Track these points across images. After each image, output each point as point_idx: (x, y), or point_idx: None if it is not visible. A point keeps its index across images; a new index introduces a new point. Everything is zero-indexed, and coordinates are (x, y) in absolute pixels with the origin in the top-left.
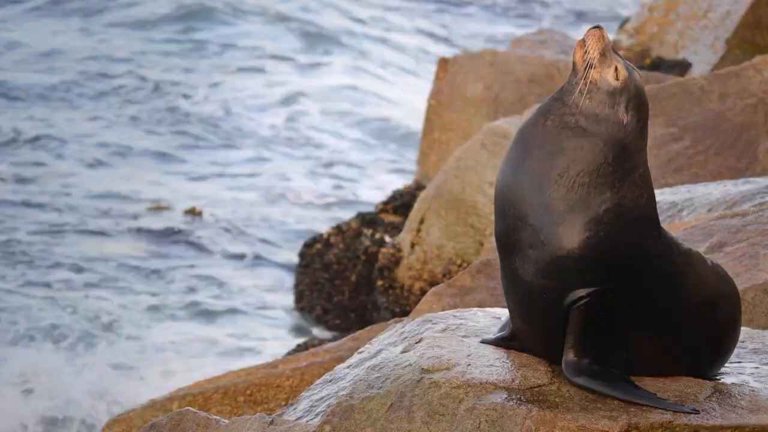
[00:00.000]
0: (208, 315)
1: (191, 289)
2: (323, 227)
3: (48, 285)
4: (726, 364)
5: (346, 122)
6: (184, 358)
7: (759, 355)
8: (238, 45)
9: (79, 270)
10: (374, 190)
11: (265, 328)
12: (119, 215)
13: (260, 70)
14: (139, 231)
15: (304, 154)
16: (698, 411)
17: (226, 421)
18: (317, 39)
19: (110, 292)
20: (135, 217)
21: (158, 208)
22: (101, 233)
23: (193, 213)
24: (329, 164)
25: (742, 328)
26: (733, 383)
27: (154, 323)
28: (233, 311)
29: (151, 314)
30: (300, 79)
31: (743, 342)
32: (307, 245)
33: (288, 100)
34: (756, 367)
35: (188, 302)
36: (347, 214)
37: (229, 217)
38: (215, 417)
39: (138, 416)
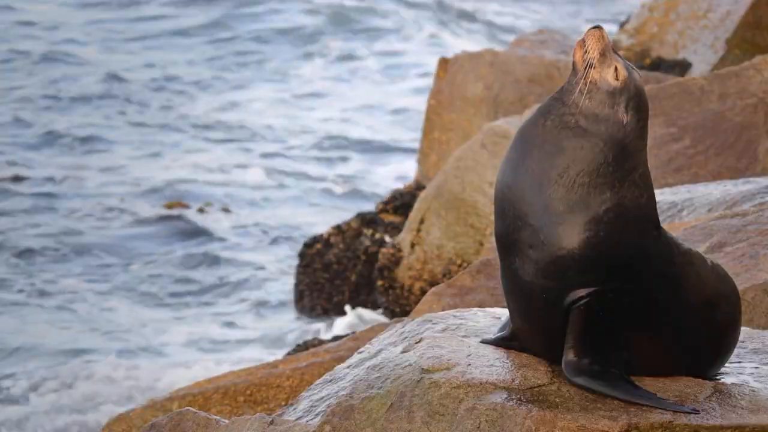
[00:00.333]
0: (207, 314)
1: (192, 287)
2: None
3: (57, 284)
4: (726, 364)
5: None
6: (184, 357)
7: (759, 355)
8: (266, 36)
9: (83, 265)
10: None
11: (265, 328)
12: (132, 212)
13: (285, 68)
14: (150, 228)
15: (328, 145)
16: (698, 411)
17: (226, 421)
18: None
19: (110, 290)
20: (149, 214)
21: (170, 205)
22: (112, 230)
23: (202, 211)
24: (353, 151)
25: (742, 328)
26: (733, 383)
27: (154, 323)
28: (233, 311)
29: (150, 313)
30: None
31: (743, 342)
32: (307, 245)
33: (315, 93)
34: (756, 367)
35: (188, 301)
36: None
37: (236, 214)
38: (215, 417)
39: (138, 416)
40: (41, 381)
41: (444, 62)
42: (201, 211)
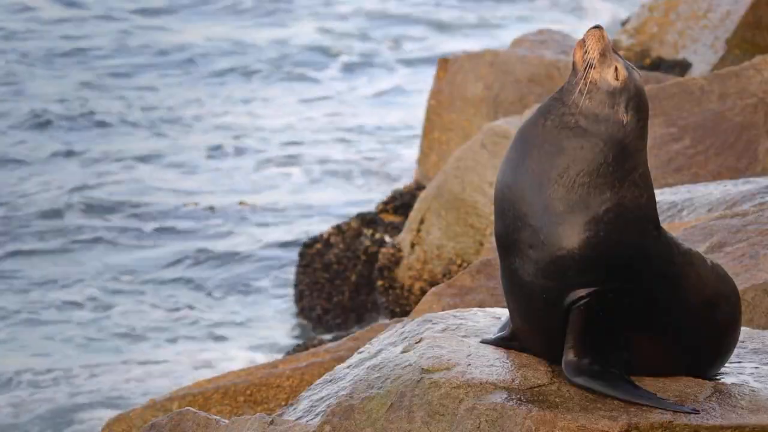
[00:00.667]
0: (208, 314)
1: (192, 287)
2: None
3: (58, 286)
4: (726, 364)
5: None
6: (182, 357)
7: (759, 355)
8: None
9: (84, 267)
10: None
11: (264, 328)
12: (139, 213)
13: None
14: (157, 230)
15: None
16: (698, 411)
17: (226, 421)
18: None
19: (114, 289)
20: (161, 216)
21: (186, 204)
22: (118, 229)
23: (211, 210)
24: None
25: (742, 328)
26: (733, 383)
27: (153, 321)
28: (232, 311)
29: (150, 311)
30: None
31: (743, 342)
32: (307, 245)
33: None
34: (756, 367)
35: (187, 301)
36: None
37: (238, 213)
38: (215, 417)
39: (138, 416)
40: (40, 381)
41: (444, 62)
42: (212, 209)
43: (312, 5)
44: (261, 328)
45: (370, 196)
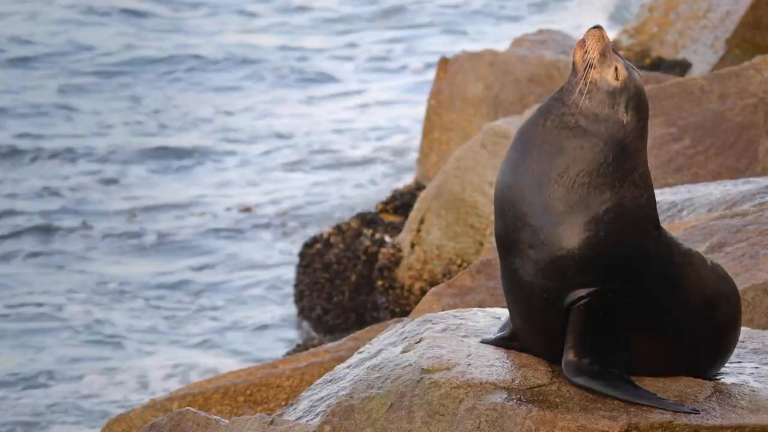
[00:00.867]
0: (208, 315)
1: (192, 289)
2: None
3: (59, 289)
4: (726, 364)
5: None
6: (181, 357)
7: (759, 355)
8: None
9: (81, 270)
10: None
11: (265, 329)
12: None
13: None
14: (159, 234)
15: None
16: (698, 411)
17: (226, 421)
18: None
19: (108, 295)
20: (164, 219)
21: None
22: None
23: (215, 216)
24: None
25: (742, 328)
26: (733, 383)
27: (154, 320)
28: (232, 311)
29: (150, 310)
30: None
31: (743, 342)
32: (307, 245)
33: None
34: (756, 367)
35: (186, 304)
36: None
37: (241, 217)
38: (215, 417)
39: (138, 416)
40: (39, 381)
41: (444, 62)
42: (215, 215)
43: (317, 8)
44: (261, 329)
45: (383, 196)
